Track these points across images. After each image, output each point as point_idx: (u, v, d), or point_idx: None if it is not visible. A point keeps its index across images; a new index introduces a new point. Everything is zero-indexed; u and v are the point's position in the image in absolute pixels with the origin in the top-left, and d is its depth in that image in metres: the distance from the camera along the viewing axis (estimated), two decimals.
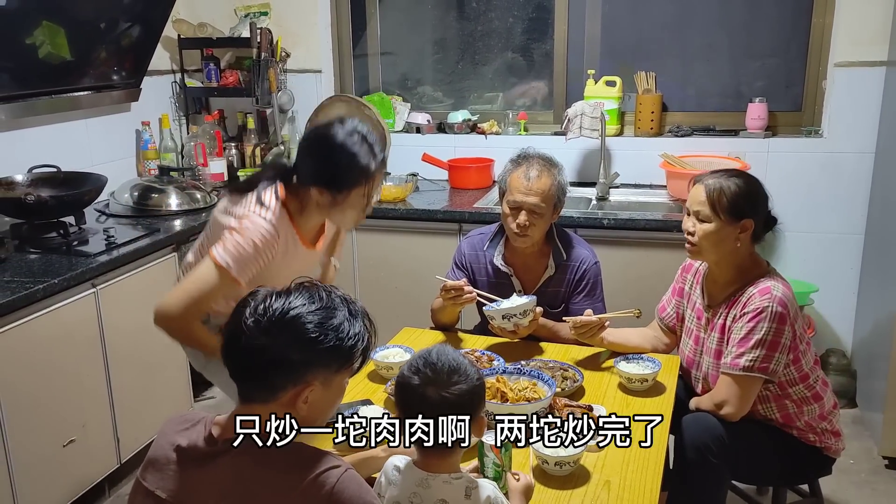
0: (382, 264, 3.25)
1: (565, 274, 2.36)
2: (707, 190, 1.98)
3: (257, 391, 1.26)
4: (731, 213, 1.96)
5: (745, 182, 2.00)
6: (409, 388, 1.36)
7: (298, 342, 1.22)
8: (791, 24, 3.33)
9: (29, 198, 2.56)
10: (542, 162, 2.30)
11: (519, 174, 2.28)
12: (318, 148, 1.83)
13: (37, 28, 2.73)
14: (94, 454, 2.56)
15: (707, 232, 1.98)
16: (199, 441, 1.28)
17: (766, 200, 2.03)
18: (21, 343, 2.24)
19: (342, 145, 1.79)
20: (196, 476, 1.25)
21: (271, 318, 1.22)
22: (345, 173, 1.78)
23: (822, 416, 2.04)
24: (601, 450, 1.68)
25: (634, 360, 2.05)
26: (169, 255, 2.85)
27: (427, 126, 3.71)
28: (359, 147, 1.79)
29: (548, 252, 2.37)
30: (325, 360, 1.25)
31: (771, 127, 3.34)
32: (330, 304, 1.27)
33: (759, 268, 2.03)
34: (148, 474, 1.31)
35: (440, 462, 1.36)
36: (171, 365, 2.92)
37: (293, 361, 1.23)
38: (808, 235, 3.30)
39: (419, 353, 1.40)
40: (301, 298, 1.25)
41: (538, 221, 2.26)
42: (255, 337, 1.22)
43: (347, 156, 1.78)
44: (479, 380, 1.39)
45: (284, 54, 3.72)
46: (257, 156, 3.70)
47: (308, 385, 1.24)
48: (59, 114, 3.05)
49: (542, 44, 3.65)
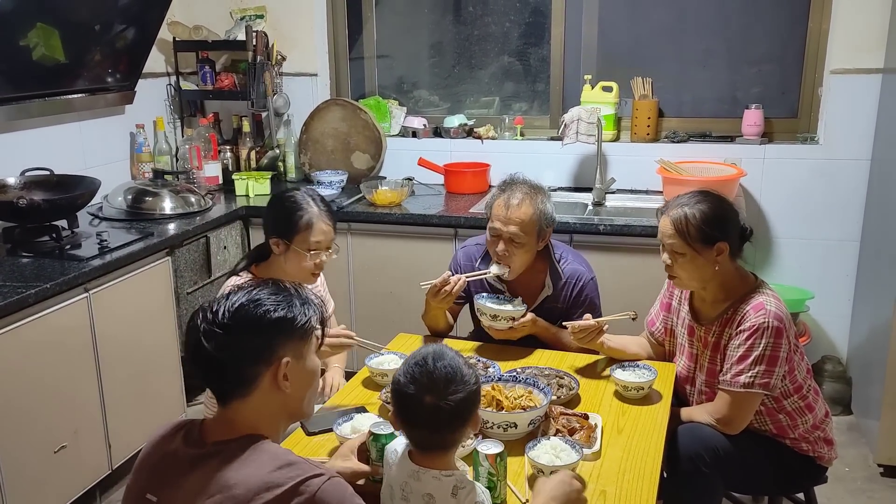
0: (377, 269, 3.24)
1: (564, 291, 2.34)
2: (672, 222, 1.96)
3: (235, 388, 1.28)
4: (702, 240, 1.94)
5: (710, 205, 1.97)
6: (406, 396, 1.35)
7: (254, 325, 1.27)
8: (787, 30, 3.33)
9: (21, 201, 2.54)
10: (525, 189, 2.25)
11: (501, 202, 2.24)
12: (272, 203, 2.21)
13: (31, 30, 2.72)
14: (86, 460, 2.54)
15: (683, 263, 1.97)
16: (189, 444, 1.30)
17: (735, 218, 2.00)
18: (12, 348, 2.22)
19: (287, 197, 2.14)
20: (185, 479, 1.26)
21: (223, 316, 1.27)
22: (288, 218, 2.08)
23: (814, 426, 2.03)
24: (597, 459, 1.67)
25: (630, 368, 2.04)
26: (162, 260, 2.83)
27: (423, 130, 3.70)
28: (300, 197, 2.12)
29: (544, 269, 2.35)
30: (286, 330, 1.29)
31: (767, 133, 3.34)
32: (268, 286, 1.34)
33: (746, 283, 2.01)
34: (139, 479, 1.32)
35: (433, 459, 1.37)
36: (163, 370, 2.90)
37: (257, 345, 1.27)
38: (803, 242, 3.30)
39: (415, 358, 1.38)
40: (240, 293, 1.32)
41: (517, 251, 2.23)
42: (215, 338, 1.26)
43: (290, 203, 2.11)
44: (476, 382, 1.38)
45: (280, 57, 3.70)
46: (252, 159, 3.69)
47: (280, 361, 1.28)
48: (52, 116, 3.03)
49: (538, 48, 3.65)
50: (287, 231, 2.09)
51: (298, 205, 2.10)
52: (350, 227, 3.20)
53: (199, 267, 3.08)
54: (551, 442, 1.65)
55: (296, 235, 2.08)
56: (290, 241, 2.09)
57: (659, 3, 3.47)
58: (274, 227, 2.12)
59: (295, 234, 2.08)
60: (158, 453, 1.32)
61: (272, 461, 1.23)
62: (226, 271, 3.22)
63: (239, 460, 1.24)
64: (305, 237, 2.08)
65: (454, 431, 1.36)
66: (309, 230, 2.08)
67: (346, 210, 3.20)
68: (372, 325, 3.23)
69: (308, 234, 2.08)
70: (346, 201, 3.30)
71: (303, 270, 2.11)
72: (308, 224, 2.08)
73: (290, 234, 2.08)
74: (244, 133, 3.70)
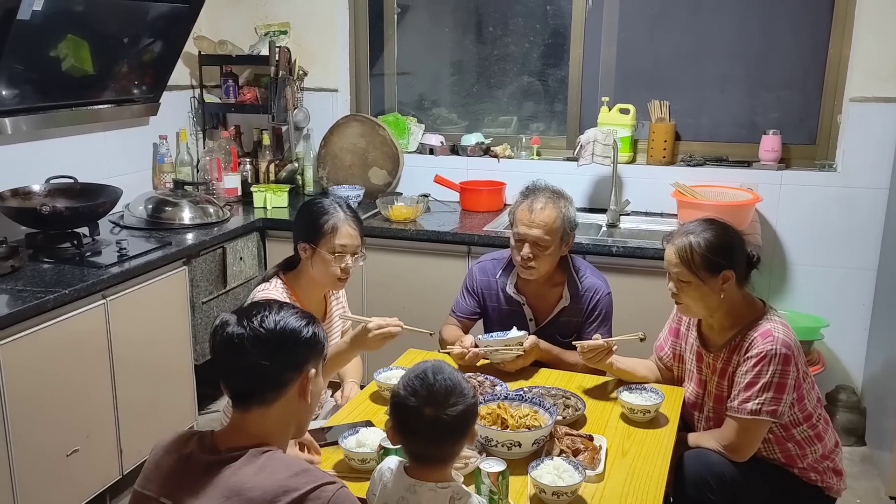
0: (390, 284, 3.26)
1: (579, 304, 2.36)
2: (677, 250, 1.97)
3: (265, 393, 1.33)
4: (707, 268, 1.94)
5: (715, 233, 1.96)
6: (406, 408, 1.37)
7: (294, 336, 1.36)
8: (808, 56, 3.33)
9: (44, 208, 2.60)
10: (548, 194, 2.30)
11: (524, 207, 2.29)
12: (300, 210, 2.25)
13: (61, 41, 2.78)
14: (97, 464, 2.57)
15: (688, 291, 1.97)
16: (203, 450, 1.33)
17: (741, 245, 2.00)
18: (30, 352, 2.26)
19: (315, 203, 2.20)
20: (199, 483, 1.28)
21: (270, 325, 1.34)
22: (315, 222, 2.12)
23: (824, 456, 2.02)
24: (600, 481, 1.67)
25: (637, 391, 2.04)
26: (179, 269, 2.88)
27: (440, 147, 3.73)
28: (328, 203, 2.17)
29: (561, 282, 2.37)
30: (314, 346, 1.38)
31: (784, 159, 3.33)
32: (292, 307, 1.41)
33: (754, 309, 2.01)
34: (149, 483, 1.35)
35: (431, 472, 1.39)
36: (176, 377, 2.94)
37: (295, 354, 1.35)
38: (819, 269, 3.28)
39: (415, 371, 1.41)
40: (276, 307, 1.39)
41: (542, 255, 2.26)
42: (260, 344, 1.32)
43: (317, 208, 2.16)
44: (474, 396, 1.41)
45: (302, 73, 3.76)
46: (271, 172, 3.74)
47: (308, 372, 1.37)
48: (78, 126, 3.10)
49: (557, 69, 3.68)
50: (313, 235, 2.12)
51: (325, 210, 2.14)
52: (365, 241, 3.21)
53: (214, 277, 3.13)
54: (554, 462, 1.65)
55: (321, 239, 2.11)
56: (316, 245, 2.11)
57: (678, 27, 3.48)
58: (301, 232, 2.15)
59: (320, 238, 2.11)
60: (172, 459, 1.34)
61: (287, 467, 1.27)
62: (240, 282, 3.26)
63: (253, 466, 1.27)
64: (330, 240, 2.10)
65: (453, 444, 1.38)
66: (334, 234, 2.11)
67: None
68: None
69: (333, 237, 2.10)
70: (363, 216, 3.31)
71: (329, 275, 2.13)
72: (333, 228, 2.11)
73: (315, 239, 2.11)
74: (264, 146, 3.76)
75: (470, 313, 2.48)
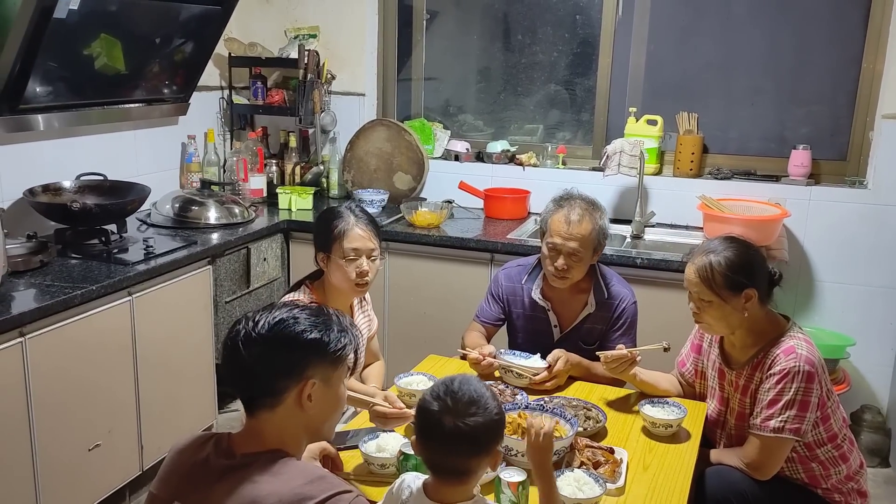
0: (412, 290, 3.27)
1: (606, 312, 2.35)
2: (697, 270, 1.95)
3: (263, 398, 1.31)
4: (729, 287, 1.91)
5: (735, 252, 1.94)
6: (428, 413, 1.37)
7: (289, 341, 1.31)
8: (840, 71, 3.29)
9: (74, 205, 2.63)
10: (584, 205, 2.29)
11: (560, 217, 2.27)
12: (316, 220, 2.29)
13: (95, 40, 2.82)
14: (118, 460, 2.60)
15: (710, 310, 1.95)
16: (219, 455, 1.32)
17: (762, 263, 1.97)
18: (56, 346, 2.29)
19: (328, 210, 2.22)
20: (213, 488, 1.28)
21: (263, 327, 1.32)
22: (326, 229, 2.14)
23: (848, 477, 1.98)
24: (620, 495, 1.66)
25: (660, 405, 2.02)
26: (204, 268, 2.90)
27: (465, 154, 3.74)
28: (341, 210, 2.17)
29: (587, 288, 2.36)
30: (318, 353, 1.33)
31: (814, 175, 3.29)
32: (310, 309, 1.39)
33: (777, 326, 1.98)
34: (164, 486, 1.35)
35: (452, 491, 1.36)
36: (197, 377, 2.96)
37: (289, 360, 1.31)
38: (847, 287, 3.23)
39: (443, 380, 1.41)
40: (283, 309, 1.36)
41: (577, 265, 2.26)
42: (252, 346, 1.31)
43: (329, 215, 2.18)
44: (499, 414, 1.38)
45: (330, 76, 3.78)
46: (297, 174, 3.76)
47: (308, 380, 1.31)
48: (109, 124, 3.14)
49: (585, 78, 3.66)
50: (326, 242, 2.13)
51: (336, 215, 2.16)
52: (388, 246, 3.23)
53: (238, 277, 3.15)
54: (575, 474, 1.64)
55: (333, 245, 2.12)
56: (330, 252, 2.12)
57: (709, 39, 3.46)
58: (318, 243, 2.17)
59: (332, 244, 2.12)
60: (188, 462, 1.34)
61: (302, 475, 1.26)
62: (264, 282, 3.28)
63: (269, 473, 1.26)
64: (341, 245, 2.11)
65: (470, 457, 1.35)
66: (343, 237, 2.11)
67: (385, 229, 3.23)
68: (404, 344, 3.25)
69: (343, 241, 2.11)
70: (386, 221, 3.34)
71: (347, 280, 2.12)
72: (342, 232, 2.12)
73: (328, 245, 2.13)
74: (290, 148, 3.78)
75: (494, 319, 2.48)
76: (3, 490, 2.18)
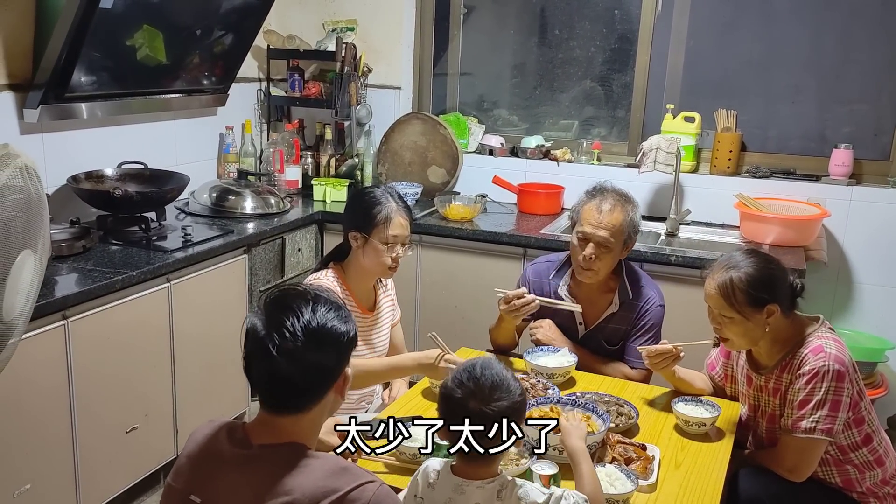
0: (444, 283, 3.28)
1: (630, 312, 2.33)
2: (717, 287, 1.90)
3: (303, 404, 1.30)
4: (750, 304, 1.87)
5: (756, 268, 1.89)
6: (452, 399, 1.39)
7: (333, 342, 1.30)
8: (884, 70, 3.22)
9: (117, 192, 2.69)
10: (616, 196, 2.28)
11: (591, 206, 2.27)
12: (352, 198, 2.31)
13: (137, 31, 2.88)
14: (154, 443, 2.65)
15: (732, 327, 1.91)
16: (234, 444, 1.31)
17: (784, 276, 1.91)
18: (97, 330, 2.35)
19: (367, 192, 2.23)
20: (230, 479, 1.27)
21: (299, 337, 1.26)
22: (367, 212, 2.15)
23: (884, 481, 1.95)
24: (652, 492, 1.65)
25: (693, 403, 2.01)
26: (240, 257, 2.94)
27: (500, 149, 3.73)
28: (379, 193, 2.19)
29: (614, 288, 2.35)
30: (350, 343, 1.35)
31: (856, 175, 3.22)
32: (322, 301, 1.32)
33: (802, 328, 1.94)
34: (180, 478, 1.33)
35: (477, 470, 1.39)
36: (232, 363, 2.99)
37: (334, 362, 1.31)
38: (886, 289, 3.16)
39: (464, 365, 1.42)
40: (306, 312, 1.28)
41: (605, 256, 2.25)
42: (296, 360, 1.26)
43: (369, 198, 2.19)
44: (521, 395, 1.41)
45: (366, 69, 3.81)
46: (332, 166, 3.79)
47: (345, 372, 1.34)
48: (150, 114, 3.20)
49: (622, 74, 3.64)
50: (366, 225, 2.14)
51: (377, 200, 2.17)
52: (421, 239, 3.25)
53: (273, 266, 3.19)
54: (606, 469, 1.63)
55: (374, 229, 2.13)
56: (369, 235, 2.14)
57: (749, 36, 3.41)
58: (353, 221, 2.18)
59: (373, 228, 2.13)
60: (203, 453, 1.33)
61: (324, 466, 1.26)
62: (298, 272, 3.32)
63: (291, 466, 1.25)
64: (383, 230, 2.13)
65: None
66: (387, 224, 2.13)
67: (419, 223, 3.25)
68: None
69: (386, 227, 2.13)
70: (419, 214, 3.35)
71: (380, 265, 2.16)
72: (386, 218, 2.14)
73: (368, 228, 2.14)
74: (326, 140, 3.81)
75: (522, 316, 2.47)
76: (44, 469, 2.25)
